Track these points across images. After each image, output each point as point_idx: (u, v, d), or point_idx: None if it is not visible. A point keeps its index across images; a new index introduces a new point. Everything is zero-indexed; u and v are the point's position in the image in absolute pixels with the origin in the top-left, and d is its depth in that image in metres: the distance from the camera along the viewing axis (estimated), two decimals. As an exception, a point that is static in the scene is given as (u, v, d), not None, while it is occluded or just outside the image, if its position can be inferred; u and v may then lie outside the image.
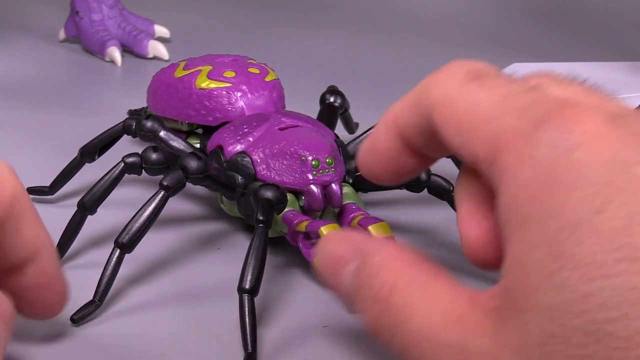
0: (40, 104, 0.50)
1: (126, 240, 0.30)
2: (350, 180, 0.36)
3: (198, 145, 0.39)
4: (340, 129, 0.46)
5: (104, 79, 0.57)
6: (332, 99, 0.41)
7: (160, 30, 0.63)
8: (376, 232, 0.31)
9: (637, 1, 0.75)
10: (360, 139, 0.38)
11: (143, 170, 0.33)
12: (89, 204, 0.32)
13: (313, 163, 0.33)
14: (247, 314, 0.28)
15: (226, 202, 0.36)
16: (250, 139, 0.35)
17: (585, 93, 0.21)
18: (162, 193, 0.31)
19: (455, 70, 0.21)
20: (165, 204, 0.31)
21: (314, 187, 0.33)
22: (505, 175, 0.19)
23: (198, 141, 0.39)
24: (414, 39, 0.68)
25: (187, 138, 0.40)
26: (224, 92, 0.38)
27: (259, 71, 0.39)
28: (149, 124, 0.36)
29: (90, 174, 0.37)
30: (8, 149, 0.44)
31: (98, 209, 0.33)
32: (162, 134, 0.36)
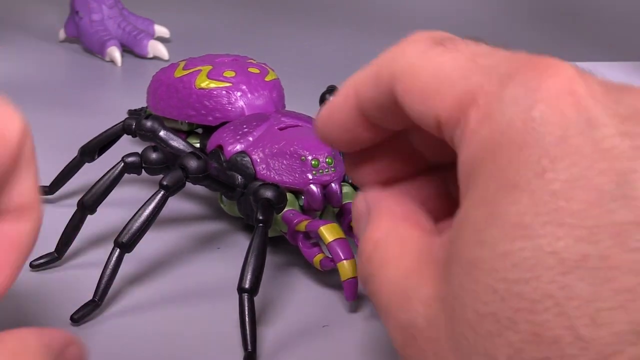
0: (40, 104, 0.50)
1: (126, 240, 0.30)
2: (350, 180, 0.36)
3: (198, 145, 0.39)
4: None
5: (104, 79, 0.57)
6: (332, 99, 0.41)
7: (160, 30, 0.63)
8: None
9: (637, 1, 0.75)
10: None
11: (143, 169, 0.33)
12: (88, 204, 0.32)
13: (313, 163, 0.33)
14: (247, 313, 0.28)
15: (226, 202, 0.36)
16: (250, 139, 0.35)
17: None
18: (162, 193, 0.31)
19: (417, 38, 0.21)
20: (165, 204, 0.31)
21: (313, 187, 0.33)
22: (465, 134, 0.19)
23: (198, 141, 0.39)
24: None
25: (187, 138, 0.40)
26: (224, 92, 0.38)
27: (258, 71, 0.39)
28: (149, 123, 0.36)
29: (90, 174, 0.37)
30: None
31: (98, 208, 0.33)
32: (162, 133, 0.36)
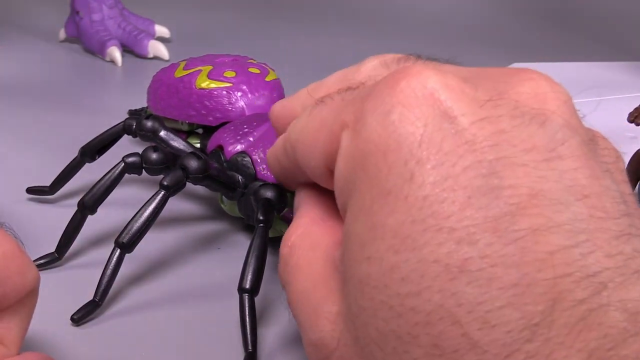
0: (40, 104, 0.50)
1: (126, 240, 0.30)
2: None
3: (198, 145, 0.39)
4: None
5: (104, 79, 0.57)
6: (333, 99, 0.41)
7: (161, 30, 0.63)
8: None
9: (637, 1, 0.75)
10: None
11: (143, 170, 0.33)
12: (89, 204, 0.32)
13: (313, 163, 0.33)
14: (248, 313, 0.28)
15: (226, 202, 0.36)
16: (251, 139, 0.35)
17: (421, 62, 0.20)
18: (162, 193, 0.31)
19: (304, 99, 0.22)
20: (166, 204, 0.31)
21: (314, 187, 0.33)
22: (338, 154, 0.19)
23: (198, 141, 0.39)
24: (415, 39, 0.68)
25: (187, 138, 0.40)
26: (224, 92, 0.38)
27: (259, 71, 0.39)
28: (149, 123, 0.36)
29: (91, 174, 0.37)
30: (8, 149, 0.44)
31: (98, 208, 0.33)
32: (163, 133, 0.36)
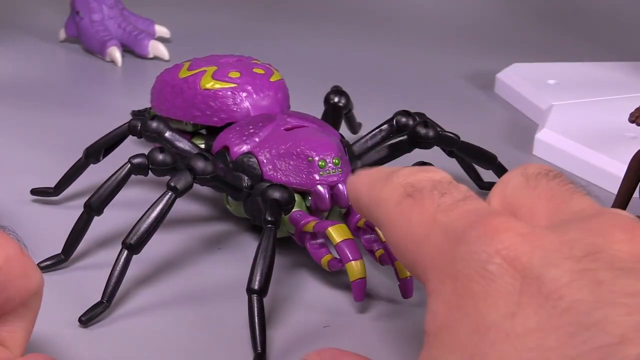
0: (40, 104, 0.50)
1: (134, 241, 0.30)
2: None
3: (203, 146, 0.39)
4: (343, 129, 0.46)
5: (105, 79, 0.57)
6: (337, 99, 0.41)
7: (161, 30, 0.63)
8: (383, 233, 0.31)
9: (637, 1, 0.76)
10: (365, 139, 0.38)
11: (149, 171, 0.33)
12: (95, 205, 0.32)
13: (320, 163, 0.33)
14: (256, 314, 0.28)
15: (232, 203, 0.36)
16: (256, 140, 0.35)
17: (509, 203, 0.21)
18: (170, 194, 0.31)
19: (393, 189, 0.22)
20: (173, 205, 0.31)
21: (320, 188, 0.33)
22: (429, 295, 0.20)
23: (202, 142, 0.39)
24: (417, 39, 0.68)
25: (192, 139, 0.40)
26: (229, 93, 0.38)
27: (263, 71, 0.39)
28: (154, 124, 0.36)
29: (94, 175, 0.37)
30: (10, 150, 0.44)
31: (104, 210, 0.33)
32: (168, 134, 0.36)
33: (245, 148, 0.35)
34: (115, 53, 0.58)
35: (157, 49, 0.59)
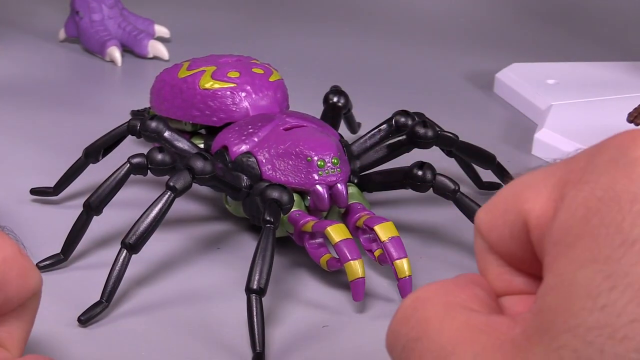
0: (40, 104, 0.50)
1: (133, 241, 0.30)
2: (356, 180, 0.36)
3: (202, 146, 0.39)
4: (342, 129, 0.46)
5: (104, 79, 0.57)
6: (336, 99, 0.41)
7: (161, 30, 0.63)
8: (382, 232, 0.31)
9: (637, 1, 0.76)
10: (364, 138, 0.38)
11: (149, 170, 0.33)
12: (94, 205, 0.32)
13: (319, 163, 0.33)
14: (256, 314, 0.28)
15: (231, 203, 0.36)
16: (255, 140, 0.35)
17: None
18: (169, 194, 0.31)
19: (541, 179, 0.20)
20: (172, 205, 0.31)
21: (319, 188, 0.33)
22: (561, 207, 0.18)
23: (201, 142, 0.39)
24: (416, 39, 0.68)
25: (191, 139, 0.40)
26: (228, 93, 0.38)
27: (262, 71, 0.39)
28: (154, 124, 0.36)
29: (93, 175, 0.37)
30: (10, 149, 0.44)
31: (104, 209, 0.33)
32: (167, 134, 0.36)
33: (244, 148, 0.35)
34: (115, 53, 0.58)
35: (157, 49, 0.59)
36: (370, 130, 0.38)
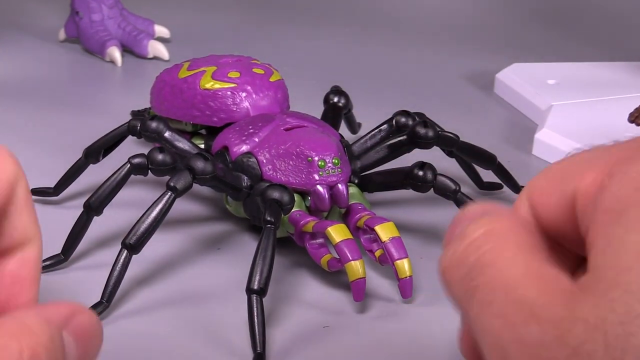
0: (39, 104, 0.50)
1: (133, 241, 0.30)
2: (356, 181, 0.36)
3: (202, 146, 0.39)
4: (343, 129, 0.46)
5: (104, 79, 0.57)
6: (336, 99, 0.41)
7: (160, 30, 0.62)
8: (383, 232, 0.31)
9: (637, 1, 0.76)
10: (364, 139, 0.38)
11: (149, 171, 0.33)
12: (95, 205, 0.32)
13: (319, 163, 0.33)
14: (256, 314, 0.28)
15: (232, 203, 0.36)
16: (256, 140, 0.35)
17: None
18: (169, 194, 0.31)
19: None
20: (173, 205, 0.31)
21: (320, 188, 0.33)
22: (609, 184, 0.19)
23: (202, 142, 0.39)
24: (416, 39, 0.68)
25: (191, 139, 0.40)
26: (229, 93, 0.38)
27: (263, 71, 0.39)
28: (154, 124, 0.36)
29: (94, 175, 0.37)
30: (10, 149, 0.44)
31: (104, 210, 0.33)
32: (167, 134, 0.36)
33: (244, 148, 0.35)
34: (115, 53, 0.58)
35: (157, 49, 0.59)
36: (371, 131, 0.38)
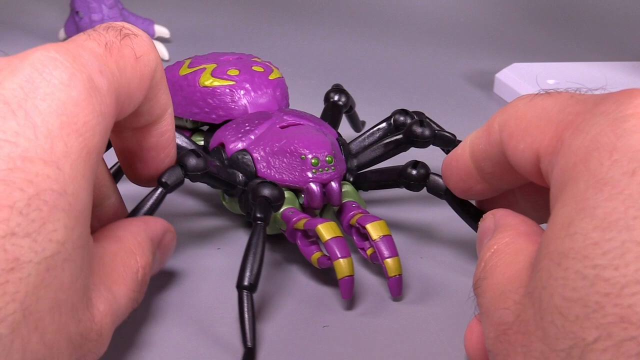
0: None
1: (125, 237, 0.30)
2: (351, 179, 0.36)
3: (202, 143, 0.39)
4: (347, 128, 0.46)
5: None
6: (337, 98, 0.41)
7: (160, 30, 0.63)
8: (374, 230, 0.31)
9: (637, 1, 0.75)
10: (363, 137, 0.38)
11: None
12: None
13: (312, 161, 0.33)
14: (246, 310, 0.28)
15: (228, 199, 0.36)
16: (252, 137, 0.35)
17: None
18: (160, 190, 0.31)
19: (525, 95, 0.24)
20: (163, 200, 0.31)
21: (313, 185, 0.33)
22: (560, 151, 0.21)
23: (202, 138, 0.39)
24: (416, 39, 0.68)
25: (192, 135, 0.40)
26: (227, 90, 0.38)
27: (262, 69, 0.39)
28: (149, 121, 0.36)
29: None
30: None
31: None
32: (162, 131, 0.36)
33: (240, 145, 0.35)
34: (115, 53, 0.58)
35: (157, 49, 0.59)
36: (369, 129, 0.38)
